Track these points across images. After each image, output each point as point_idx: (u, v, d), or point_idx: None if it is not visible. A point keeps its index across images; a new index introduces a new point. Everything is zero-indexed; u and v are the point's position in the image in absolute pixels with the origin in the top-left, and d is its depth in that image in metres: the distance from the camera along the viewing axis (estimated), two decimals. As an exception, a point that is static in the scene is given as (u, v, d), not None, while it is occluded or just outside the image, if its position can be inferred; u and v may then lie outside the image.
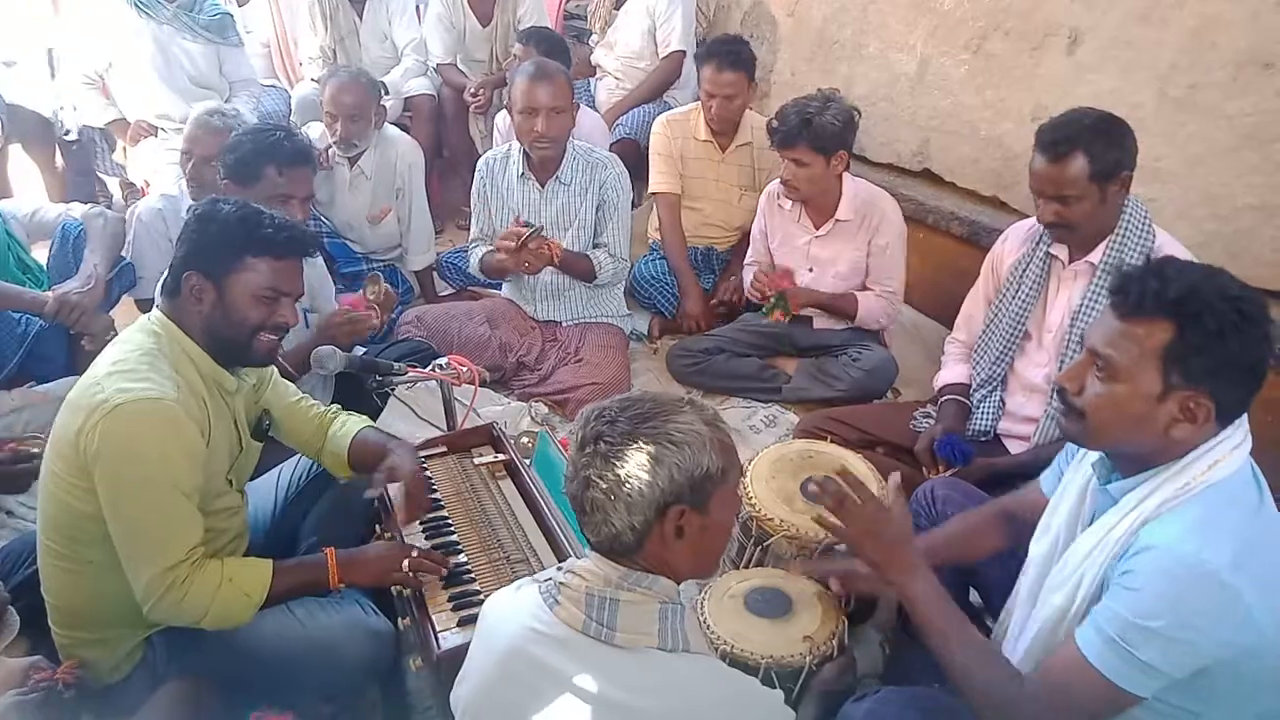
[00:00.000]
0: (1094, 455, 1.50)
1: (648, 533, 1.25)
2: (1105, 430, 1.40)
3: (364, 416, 2.16)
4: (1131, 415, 1.35)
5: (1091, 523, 1.47)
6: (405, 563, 1.82)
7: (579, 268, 3.18)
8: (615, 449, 1.23)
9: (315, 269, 2.86)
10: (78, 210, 3.03)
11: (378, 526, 2.15)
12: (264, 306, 1.76)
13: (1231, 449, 1.34)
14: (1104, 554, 1.38)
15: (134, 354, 1.70)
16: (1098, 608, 1.35)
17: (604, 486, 1.23)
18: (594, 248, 3.24)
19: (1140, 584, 1.29)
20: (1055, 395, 1.50)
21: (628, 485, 1.23)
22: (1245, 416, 1.37)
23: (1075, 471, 1.57)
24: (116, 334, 2.58)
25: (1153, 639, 1.26)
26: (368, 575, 1.85)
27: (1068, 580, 1.45)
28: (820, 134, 2.82)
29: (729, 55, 3.43)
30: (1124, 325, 1.35)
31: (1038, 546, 1.59)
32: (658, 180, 3.68)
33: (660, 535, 1.26)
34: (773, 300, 3.02)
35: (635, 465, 1.22)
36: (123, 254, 3.01)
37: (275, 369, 2.07)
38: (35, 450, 2.31)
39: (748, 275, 3.28)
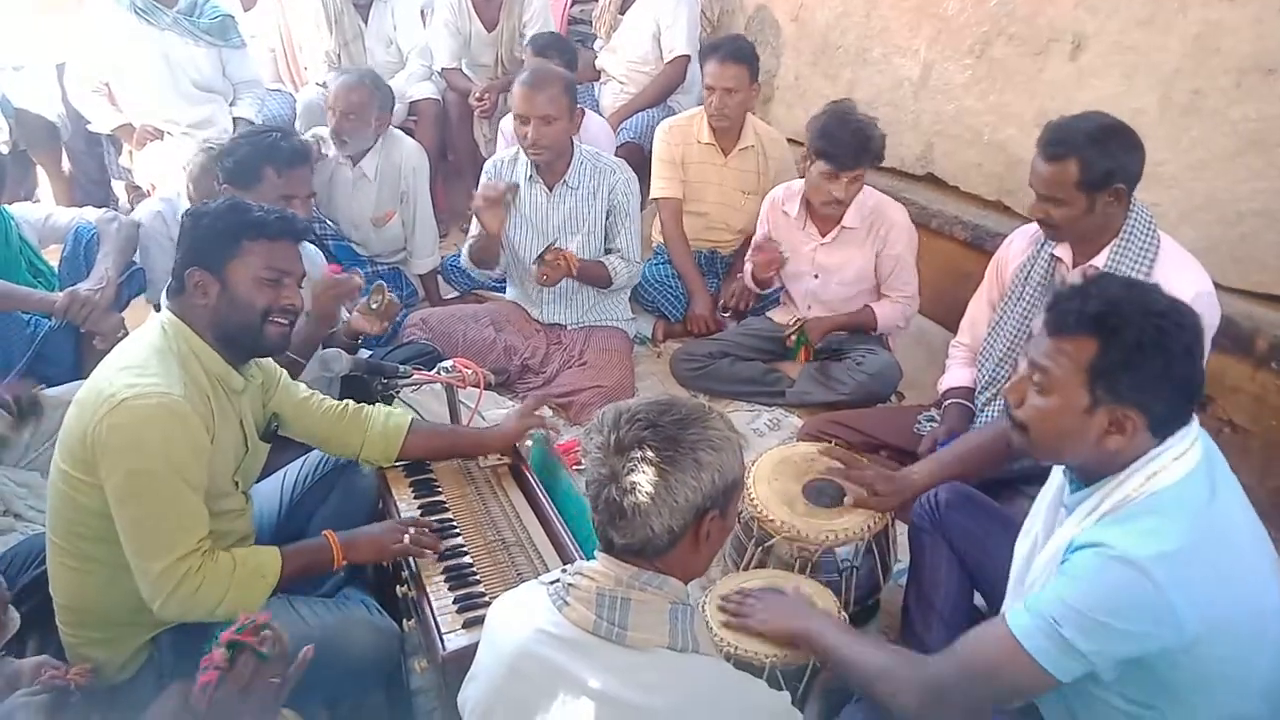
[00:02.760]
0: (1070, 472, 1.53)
1: (681, 536, 1.26)
2: (1043, 442, 1.45)
3: (398, 410, 2.20)
4: (1063, 428, 1.40)
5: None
6: (406, 536, 1.87)
7: (595, 274, 3.22)
8: (663, 454, 1.23)
9: (319, 272, 2.87)
10: (91, 215, 3.05)
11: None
12: (268, 289, 1.79)
13: (1173, 459, 1.36)
14: (1055, 562, 1.42)
15: (142, 351, 1.73)
16: (1032, 593, 1.40)
17: (650, 491, 1.22)
18: (606, 253, 3.26)
19: (1073, 573, 1.34)
20: (1005, 411, 1.54)
21: (676, 490, 1.23)
22: (1195, 424, 1.39)
23: (1056, 475, 1.59)
24: (127, 334, 2.60)
25: (1077, 619, 1.30)
26: (368, 552, 1.90)
27: (1029, 590, 1.49)
28: (878, 151, 2.89)
29: (731, 49, 3.47)
30: (1053, 341, 1.40)
31: (1020, 546, 1.62)
32: (660, 186, 3.70)
33: (692, 539, 1.28)
34: (795, 339, 3.06)
35: (683, 470, 1.23)
36: (133, 258, 3.02)
37: (284, 372, 2.08)
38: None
39: (748, 270, 3.29)
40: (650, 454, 1.23)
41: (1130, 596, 1.28)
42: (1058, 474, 1.57)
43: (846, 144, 2.83)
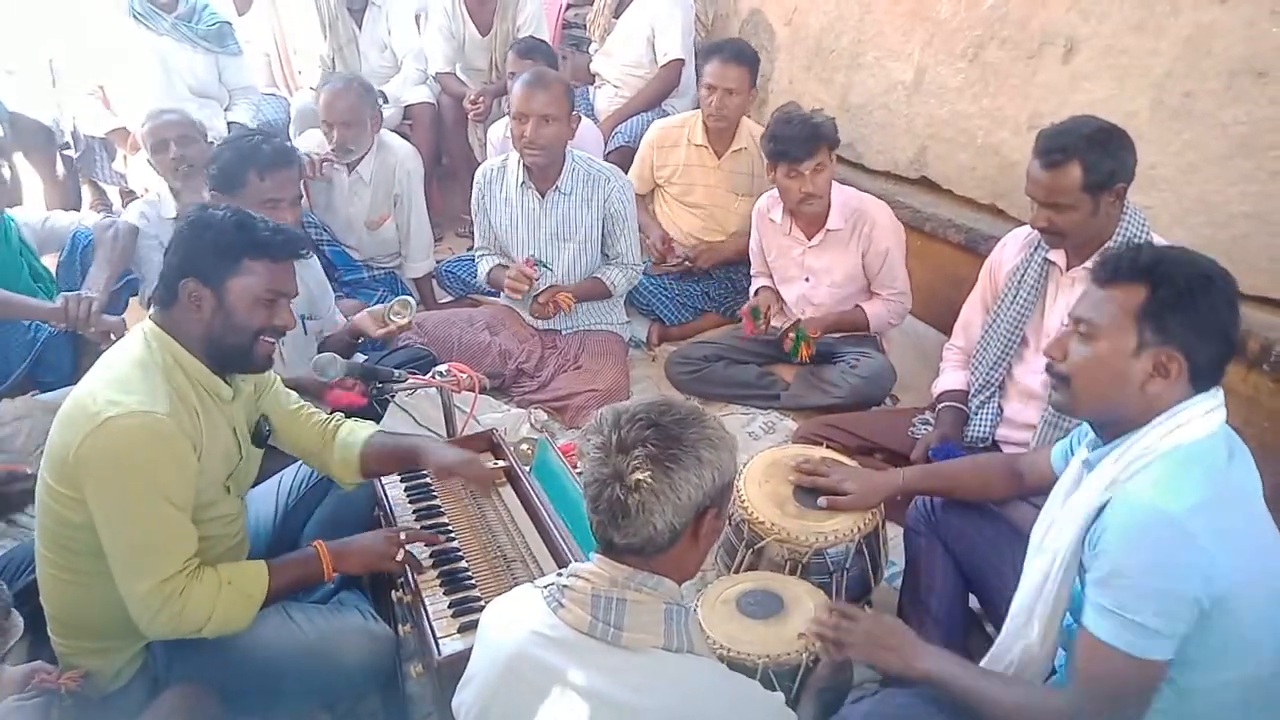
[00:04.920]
0: (1089, 436, 1.56)
1: (681, 534, 1.27)
2: (1087, 391, 1.48)
3: (370, 423, 2.15)
4: (1110, 372, 1.44)
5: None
6: (400, 554, 1.86)
7: (593, 293, 3.27)
8: (667, 451, 1.24)
9: (314, 276, 2.87)
10: (89, 219, 3.05)
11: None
12: (264, 309, 1.77)
13: (1203, 414, 1.40)
14: (1079, 515, 1.44)
15: (124, 364, 1.70)
16: (1089, 588, 1.40)
17: (655, 488, 1.23)
18: (604, 258, 3.28)
19: (1110, 545, 1.36)
20: (1045, 369, 1.57)
21: (680, 488, 1.24)
22: (1220, 391, 1.43)
23: (1075, 460, 1.60)
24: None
25: (1140, 597, 1.32)
26: (359, 564, 1.88)
27: (1048, 545, 1.51)
28: (830, 134, 2.91)
29: (734, 50, 3.50)
30: (1103, 291, 1.46)
31: (1036, 534, 1.62)
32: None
33: (691, 536, 1.29)
34: (794, 339, 3.06)
35: (687, 469, 1.25)
36: (130, 267, 3.02)
37: (279, 377, 2.07)
38: (30, 471, 2.33)
39: (755, 284, 3.35)
40: (654, 451, 1.24)
41: (1168, 550, 1.31)
42: (1075, 464, 1.58)
43: (795, 135, 2.87)
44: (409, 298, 2.80)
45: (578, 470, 2.60)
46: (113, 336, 2.67)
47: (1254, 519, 1.40)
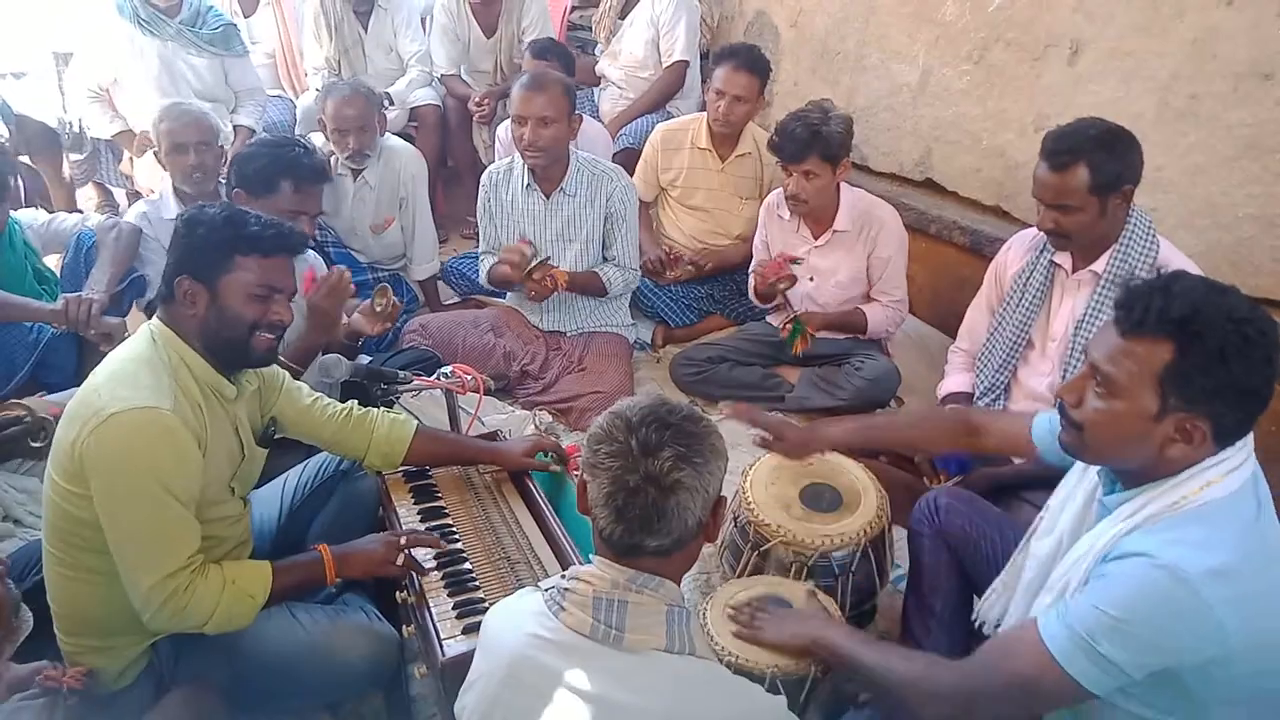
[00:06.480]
0: (1105, 473, 1.50)
1: (704, 526, 1.30)
2: (1101, 445, 1.40)
3: (408, 416, 2.18)
4: (1127, 433, 1.35)
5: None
6: (400, 558, 1.85)
7: (590, 287, 3.24)
8: (692, 448, 1.26)
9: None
10: (94, 221, 3.05)
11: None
12: (257, 304, 1.77)
13: (1228, 471, 1.32)
14: (1088, 560, 1.39)
15: (131, 361, 1.71)
16: (1067, 601, 1.36)
17: (690, 485, 1.25)
18: (604, 261, 3.27)
19: (1114, 582, 1.30)
20: (1059, 411, 1.50)
21: (709, 481, 1.27)
22: (1250, 437, 1.36)
23: (1084, 477, 1.57)
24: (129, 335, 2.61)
25: (1115, 634, 1.27)
26: (362, 568, 1.88)
27: (1055, 585, 1.47)
28: (829, 144, 2.85)
29: (747, 58, 3.48)
30: (1124, 343, 1.33)
31: (1041, 545, 1.60)
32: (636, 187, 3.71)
33: (710, 528, 1.32)
34: (791, 329, 3.05)
35: (709, 460, 1.27)
36: (134, 264, 3.02)
37: (288, 375, 2.07)
38: (21, 414, 2.37)
39: (751, 284, 3.31)
40: (682, 450, 1.25)
41: (1175, 611, 1.24)
42: (1090, 475, 1.53)
43: (793, 137, 2.85)
44: (383, 284, 2.80)
45: (577, 472, 2.61)
46: (113, 338, 2.68)
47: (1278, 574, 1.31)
